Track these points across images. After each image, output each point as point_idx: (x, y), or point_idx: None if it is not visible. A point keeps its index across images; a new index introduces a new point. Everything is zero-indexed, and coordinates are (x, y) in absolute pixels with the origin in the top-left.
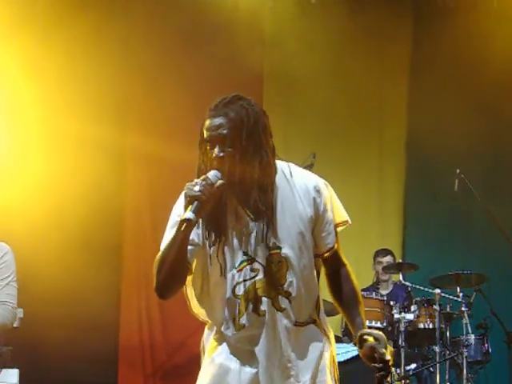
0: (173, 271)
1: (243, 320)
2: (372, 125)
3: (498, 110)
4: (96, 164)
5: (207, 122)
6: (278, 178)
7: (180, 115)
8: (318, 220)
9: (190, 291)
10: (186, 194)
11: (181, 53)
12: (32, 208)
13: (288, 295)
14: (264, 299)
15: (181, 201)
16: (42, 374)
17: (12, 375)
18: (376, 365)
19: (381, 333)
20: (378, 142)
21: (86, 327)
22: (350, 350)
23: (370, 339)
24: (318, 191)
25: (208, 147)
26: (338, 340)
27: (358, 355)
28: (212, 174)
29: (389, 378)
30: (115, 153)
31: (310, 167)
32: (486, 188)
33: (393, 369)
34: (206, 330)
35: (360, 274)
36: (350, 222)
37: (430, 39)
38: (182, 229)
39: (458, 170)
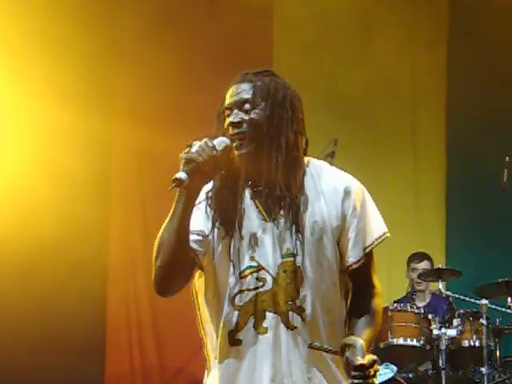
0: (172, 254)
1: (240, 335)
2: (403, 108)
3: None
4: (80, 155)
5: (231, 89)
6: (306, 177)
7: (173, 99)
8: (344, 227)
9: (201, 299)
10: (181, 155)
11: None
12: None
13: (301, 312)
14: (269, 315)
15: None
16: None
17: None
18: (352, 372)
19: (357, 339)
20: (410, 129)
21: (66, 352)
22: (382, 373)
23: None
24: (347, 193)
25: (226, 116)
26: (378, 362)
27: (392, 377)
28: (218, 139)
29: None
30: (101, 143)
31: (331, 156)
32: None
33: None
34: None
35: (392, 284)
36: (388, 234)
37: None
38: (177, 196)
39: (507, 158)
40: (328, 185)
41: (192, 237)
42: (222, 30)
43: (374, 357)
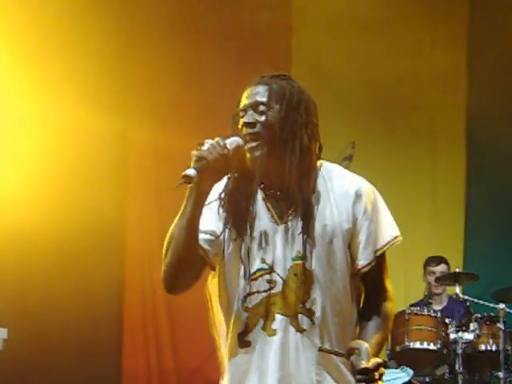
0: (181, 250)
1: (250, 337)
2: (423, 113)
3: None
4: (97, 156)
5: (246, 91)
6: (318, 180)
7: (190, 96)
8: (354, 230)
9: (214, 301)
10: (192, 153)
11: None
12: (23, 208)
13: (310, 314)
14: (278, 317)
15: (220, 184)
16: None
17: None
18: (356, 376)
19: (362, 342)
20: (429, 129)
21: (83, 351)
22: (399, 376)
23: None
24: (358, 196)
25: (241, 117)
26: (384, 365)
27: (409, 381)
28: (230, 139)
29: None
30: (118, 144)
31: (348, 159)
32: None
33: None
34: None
35: (409, 287)
36: (400, 238)
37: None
38: (187, 193)
39: None
40: (339, 188)
41: (202, 236)
42: (241, 27)
43: (379, 360)
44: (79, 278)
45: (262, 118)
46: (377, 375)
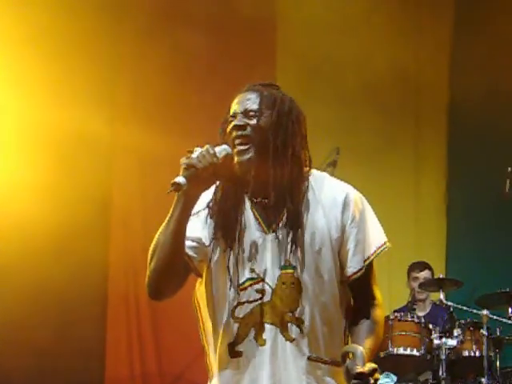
0: (166, 256)
1: (241, 347)
2: (406, 116)
3: None
4: (82, 156)
5: (237, 97)
6: (307, 189)
7: (176, 100)
8: (343, 238)
9: (203, 308)
10: (181, 161)
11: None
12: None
13: (299, 323)
14: (268, 326)
15: (207, 192)
16: None
17: None
18: (352, 381)
19: (357, 346)
20: (412, 139)
21: (66, 356)
22: (382, 382)
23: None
24: (346, 204)
25: (230, 122)
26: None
27: None
28: (220, 147)
29: None
30: (103, 144)
31: (333, 165)
32: None
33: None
34: None
35: (392, 293)
36: (388, 244)
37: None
38: (175, 200)
39: (509, 169)
40: (328, 196)
41: (188, 243)
42: (225, 30)
43: (375, 365)
44: (62, 283)
45: (253, 122)
46: (372, 380)
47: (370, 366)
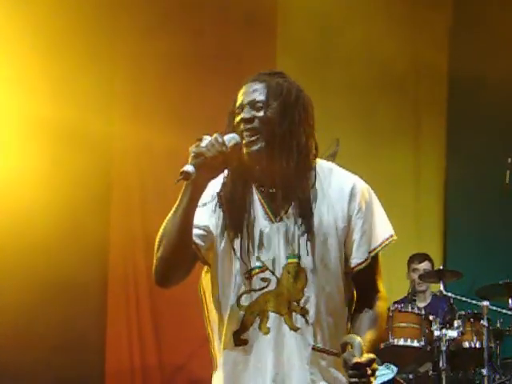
0: (174, 244)
1: (246, 335)
2: (405, 108)
3: None
4: (80, 156)
5: (243, 88)
6: (314, 179)
7: (174, 98)
8: (349, 229)
9: (208, 296)
10: (190, 149)
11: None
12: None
13: (304, 313)
14: (272, 315)
15: (215, 181)
16: None
17: None
18: (349, 371)
19: (355, 337)
20: (412, 130)
21: (66, 348)
22: (383, 373)
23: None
24: (353, 194)
25: (237, 114)
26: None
27: (392, 378)
28: (228, 136)
29: None
30: (101, 143)
31: (332, 156)
32: None
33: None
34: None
35: (392, 284)
36: (394, 237)
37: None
38: (183, 188)
39: (509, 160)
40: (334, 186)
41: (195, 231)
42: (225, 27)
43: (372, 355)
44: (61, 273)
45: (261, 114)
46: (369, 371)
47: (368, 356)
